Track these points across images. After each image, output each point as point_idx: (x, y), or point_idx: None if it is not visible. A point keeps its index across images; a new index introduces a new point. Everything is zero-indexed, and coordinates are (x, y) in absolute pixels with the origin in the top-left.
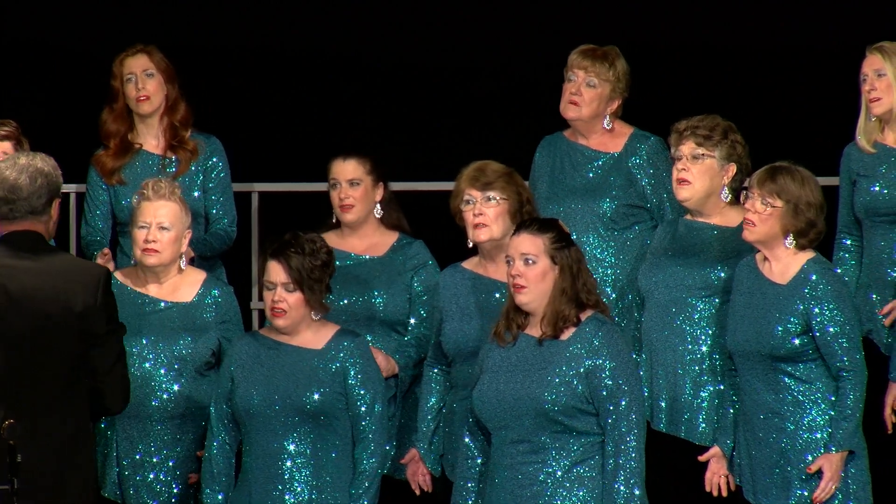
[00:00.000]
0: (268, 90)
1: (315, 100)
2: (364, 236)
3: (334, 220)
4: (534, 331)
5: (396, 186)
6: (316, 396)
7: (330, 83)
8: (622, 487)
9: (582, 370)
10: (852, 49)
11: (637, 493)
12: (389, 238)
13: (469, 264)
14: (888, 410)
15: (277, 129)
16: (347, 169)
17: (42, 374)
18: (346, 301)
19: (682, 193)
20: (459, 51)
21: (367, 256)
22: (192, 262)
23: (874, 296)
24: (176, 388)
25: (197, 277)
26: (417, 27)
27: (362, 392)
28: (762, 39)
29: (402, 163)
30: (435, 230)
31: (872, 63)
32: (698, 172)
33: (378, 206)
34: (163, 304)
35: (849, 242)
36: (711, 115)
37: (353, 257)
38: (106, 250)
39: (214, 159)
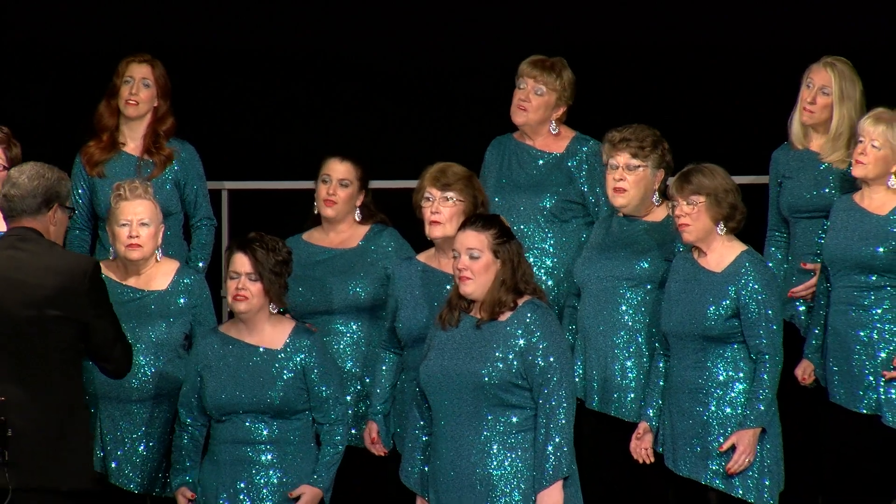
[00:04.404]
0: (267, 90)
1: (315, 100)
2: (341, 232)
3: (315, 213)
4: (476, 314)
5: (395, 185)
6: (279, 393)
7: (329, 83)
8: (552, 456)
9: (518, 348)
10: (852, 49)
11: (564, 462)
12: (363, 230)
13: (423, 257)
14: (800, 378)
15: (259, 128)
16: (341, 169)
17: (29, 355)
18: (327, 293)
19: (619, 201)
20: (459, 51)
21: (342, 249)
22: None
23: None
24: (153, 370)
25: (171, 267)
26: (417, 27)
27: (323, 386)
28: (762, 39)
29: (401, 163)
30: None
31: (822, 77)
32: (633, 181)
33: (357, 210)
34: (140, 293)
35: (778, 238)
36: (640, 126)
37: (328, 251)
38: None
39: (189, 166)
